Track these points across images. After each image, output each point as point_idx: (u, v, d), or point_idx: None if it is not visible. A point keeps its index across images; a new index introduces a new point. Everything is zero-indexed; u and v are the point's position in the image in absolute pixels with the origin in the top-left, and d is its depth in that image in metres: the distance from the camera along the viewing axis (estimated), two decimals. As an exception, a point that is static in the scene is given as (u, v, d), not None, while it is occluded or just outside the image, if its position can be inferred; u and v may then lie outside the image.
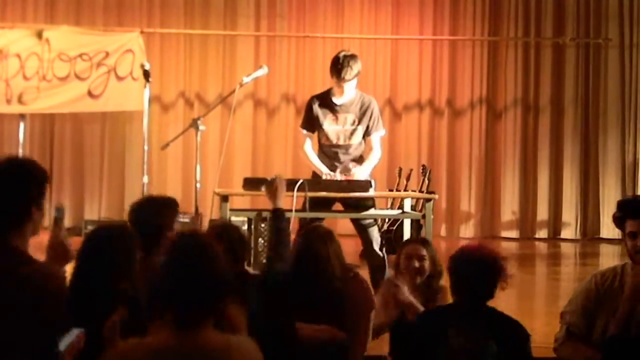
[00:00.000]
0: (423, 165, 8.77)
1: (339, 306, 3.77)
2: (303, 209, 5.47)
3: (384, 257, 5.75)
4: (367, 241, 5.69)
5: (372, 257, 5.66)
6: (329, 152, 5.83)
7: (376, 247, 5.68)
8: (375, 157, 5.88)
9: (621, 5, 9.98)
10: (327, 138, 5.82)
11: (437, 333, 3.24)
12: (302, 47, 9.94)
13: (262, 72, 6.22)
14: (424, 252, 4.11)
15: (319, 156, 5.88)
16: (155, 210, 3.81)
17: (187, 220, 7.21)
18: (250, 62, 9.50)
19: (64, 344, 2.48)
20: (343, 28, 9.98)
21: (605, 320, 3.39)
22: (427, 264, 4.10)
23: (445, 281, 3.95)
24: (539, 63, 10.14)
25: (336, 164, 5.78)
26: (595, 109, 10.08)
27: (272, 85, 9.85)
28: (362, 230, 5.75)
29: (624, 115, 9.99)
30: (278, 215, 4.21)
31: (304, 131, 5.89)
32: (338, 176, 5.71)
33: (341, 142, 5.82)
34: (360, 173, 5.74)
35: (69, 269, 3.04)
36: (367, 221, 5.74)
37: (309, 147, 5.86)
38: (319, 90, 6.17)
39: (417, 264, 4.08)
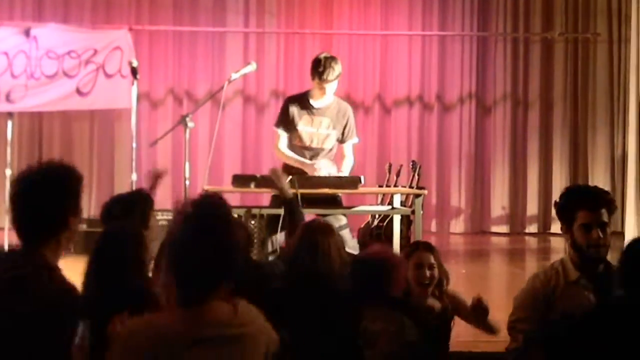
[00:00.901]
0: (413, 161, 8.76)
1: (335, 302, 3.76)
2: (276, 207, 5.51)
3: None
4: None
5: None
6: (300, 154, 5.84)
7: (349, 250, 5.67)
8: (348, 164, 5.91)
9: (609, 0, 10.00)
10: (300, 139, 5.83)
11: (351, 321, 3.33)
12: (292, 44, 9.92)
13: (251, 68, 6.22)
14: (432, 259, 3.80)
15: None
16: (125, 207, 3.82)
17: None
18: (239, 59, 9.48)
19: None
20: (332, 24, 9.97)
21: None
22: (436, 272, 3.79)
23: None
24: (527, 58, 10.15)
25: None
26: (584, 104, 10.11)
27: (262, 82, 9.83)
28: None
29: (613, 109, 10.02)
30: (293, 205, 4.23)
31: (279, 130, 5.90)
32: (324, 166, 5.71)
33: (314, 145, 5.83)
34: (324, 166, 5.75)
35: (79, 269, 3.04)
36: (339, 224, 5.73)
37: (284, 146, 5.88)
38: (308, 86, 6.16)
39: (428, 273, 3.75)
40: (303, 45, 9.87)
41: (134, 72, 6.60)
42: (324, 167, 5.74)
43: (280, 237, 5.81)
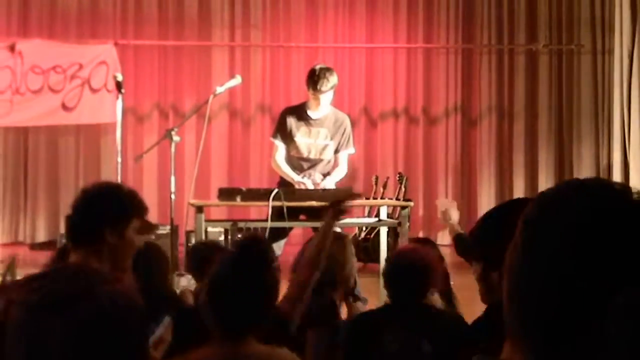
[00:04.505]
0: (399, 173, 8.78)
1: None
2: (273, 218, 5.49)
3: None
4: None
5: None
6: (297, 165, 5.84)
7: None
8: (340, 173, 5.91)
9: (593, 11, 10.06)
10: (298, 150, 5.83)
11: (371, 339, 3.27)
12: (277, 57, 9.93)
13: (236, 82, 6.23)
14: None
15: None
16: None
17: (165, 231, 7.19)
18: (225, 73, 9.48)
19: (154, 337, 2.56)
20: (317, 37, 9.99)
21: None
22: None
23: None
24: (512, 70, 10.19)
25: (304, 176, 5.80)
26: (569, 115, 10.15)
27: (247, 96, 9.83)
28: None
29: (597, 119, 10.06)
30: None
31: (276, 141, 5.90)
32: (309, 184, 5.71)
33: (312, 156, 5.83)
34: (328, 182, 5.76)
35: None
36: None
37: (281, 157, 5.87)
38: (295, 99, 6.19)
39: None
40: (289, 59, 9.88)
41: (118, 86, 6.59)
42: (310, 185, 5.75)
43: (276, 248, 5.77)
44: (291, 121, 5.82)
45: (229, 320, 2.39)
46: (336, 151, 5.88)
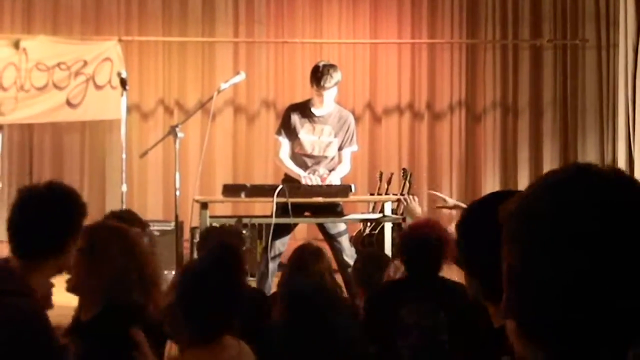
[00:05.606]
0: (404, 169, 8.78)
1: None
2: (277, 215, 5.49)
3: None
4: (337, 251, 5.67)
5: (343, 268, 5.62)
6: (301, 162, 5.84)
7: (347, 258, 5.65)
8: (343, 169, 5.91)
9: (597, 6, 10.04)
10: (302, 147, 5.83)
11: (388, 312, 3.37)
12: (281, 53, 9.93)
13: (240, 78, 6.23)
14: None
15: None
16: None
17: (170, 227, 7.21)
18: (229, 69, 9.48)
19: None
20: (322, 33, 9.99)
21: None
22: None
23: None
24: (517, 65, 10.18)
25: (309, 173, 5.81)
26: (574, 110, 10.13)
27: (252, 92, 9.84)
28: (331, 239, 5.72)
29: (602, 115, 10.04)
30: None
31: (280, 138, 5.90)
32: (316, 179, 5.72)
33: (316, 153, 5.83)
34: (333, 178, 5.76)
35: None
36: (337, 230, 5.72)
37: (285, 154, 5.88)
38: (299, 95, 6.20)
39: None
40: (293, 55, 9.88)
41: (122, 83, 6.60)
42: (315, 182, 5.75)
43: (280, 245, 5.77)
44: (295, 118, 5.83)
45: (202, 326, 2.34)
46: (340, 148, 5.88)
